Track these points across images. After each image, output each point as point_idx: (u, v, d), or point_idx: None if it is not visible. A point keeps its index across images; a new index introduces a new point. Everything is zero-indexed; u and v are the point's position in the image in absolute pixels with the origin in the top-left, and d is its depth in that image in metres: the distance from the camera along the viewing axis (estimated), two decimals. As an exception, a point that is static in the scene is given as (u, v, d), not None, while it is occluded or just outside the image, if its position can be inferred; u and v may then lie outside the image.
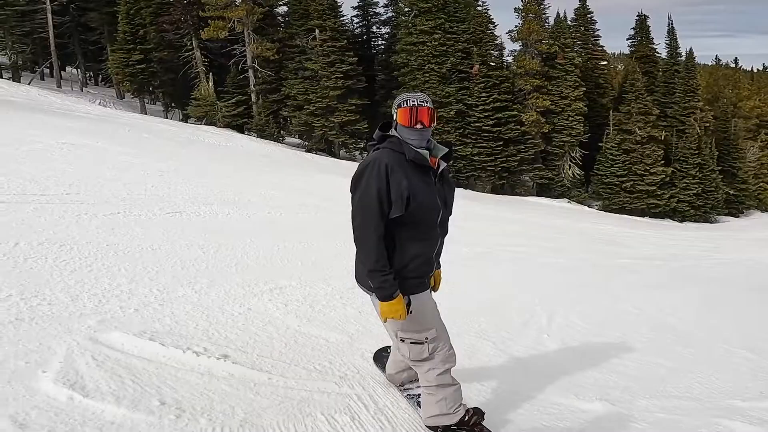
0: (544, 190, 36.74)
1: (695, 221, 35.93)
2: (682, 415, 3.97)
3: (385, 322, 2.85)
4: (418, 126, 2.69)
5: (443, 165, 2.82)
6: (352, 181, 2.74)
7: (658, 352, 5.54)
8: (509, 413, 3.64)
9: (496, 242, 11.91)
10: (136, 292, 4.64)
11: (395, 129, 2.78)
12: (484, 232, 14.18)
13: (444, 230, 2.91)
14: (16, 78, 34.46)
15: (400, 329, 2.88)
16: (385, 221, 2.65)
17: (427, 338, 2.88)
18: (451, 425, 3.01)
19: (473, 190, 33.27)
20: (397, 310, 2.71)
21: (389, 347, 3.63)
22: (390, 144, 2.72)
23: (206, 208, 8.96)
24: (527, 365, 4.66)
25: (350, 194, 2.74)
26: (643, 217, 34.75)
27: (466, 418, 2.99)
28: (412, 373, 3.36)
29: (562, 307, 6.67)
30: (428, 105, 2.72)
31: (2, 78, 32.91)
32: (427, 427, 3.10)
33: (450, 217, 2.94)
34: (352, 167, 28.45)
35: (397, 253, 2.75)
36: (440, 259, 3.13)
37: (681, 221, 35.61)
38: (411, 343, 2.90)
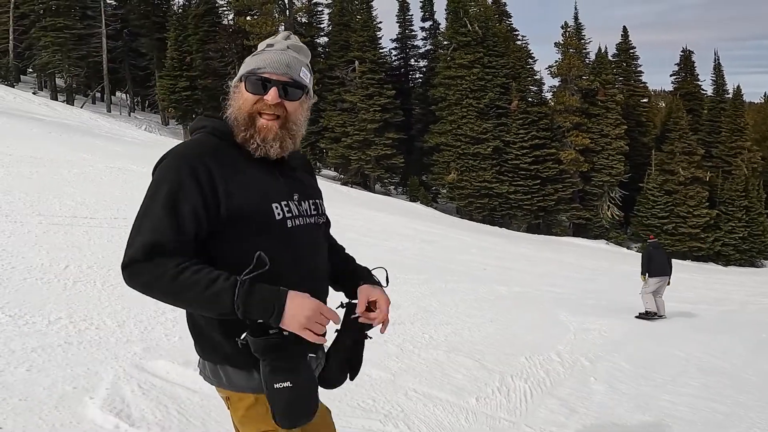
0: (581, 230, 36.05)
1: (740, 265, 34.67)
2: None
3: None
4: None
5: None
6: None
7: (711, 396, 5.29)
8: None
9: (533, 282, 11.69)
10: (181, 320, 4.64)
11: None
12: (522, 272, 13.95)
13: None
14: (70, 101, 35.76)
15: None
16: None
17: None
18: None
19: (508, 228, 32.81)
20: None
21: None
22: None
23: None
24: (574, 408, 4.48)
25: None
26: (685, 260, 33.74)
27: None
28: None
29: (606, 350, 6.46)
30: None
31: (57, 101, 34.25)
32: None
33: None
34: (387, 202, 28.33)
35: None
36: None
37: (725, 265, 34.41)
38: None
